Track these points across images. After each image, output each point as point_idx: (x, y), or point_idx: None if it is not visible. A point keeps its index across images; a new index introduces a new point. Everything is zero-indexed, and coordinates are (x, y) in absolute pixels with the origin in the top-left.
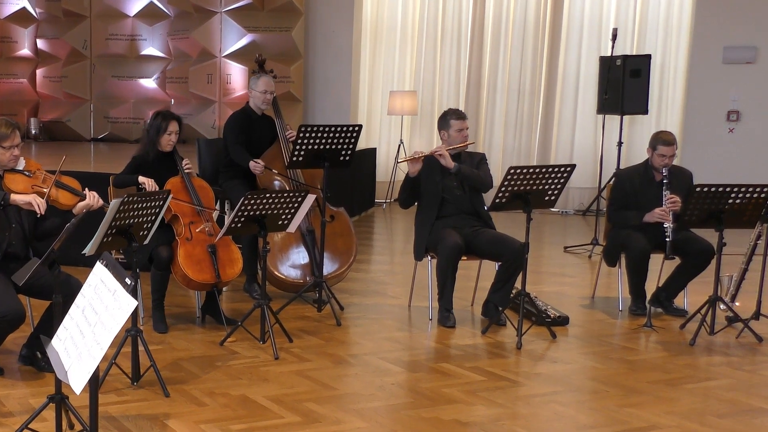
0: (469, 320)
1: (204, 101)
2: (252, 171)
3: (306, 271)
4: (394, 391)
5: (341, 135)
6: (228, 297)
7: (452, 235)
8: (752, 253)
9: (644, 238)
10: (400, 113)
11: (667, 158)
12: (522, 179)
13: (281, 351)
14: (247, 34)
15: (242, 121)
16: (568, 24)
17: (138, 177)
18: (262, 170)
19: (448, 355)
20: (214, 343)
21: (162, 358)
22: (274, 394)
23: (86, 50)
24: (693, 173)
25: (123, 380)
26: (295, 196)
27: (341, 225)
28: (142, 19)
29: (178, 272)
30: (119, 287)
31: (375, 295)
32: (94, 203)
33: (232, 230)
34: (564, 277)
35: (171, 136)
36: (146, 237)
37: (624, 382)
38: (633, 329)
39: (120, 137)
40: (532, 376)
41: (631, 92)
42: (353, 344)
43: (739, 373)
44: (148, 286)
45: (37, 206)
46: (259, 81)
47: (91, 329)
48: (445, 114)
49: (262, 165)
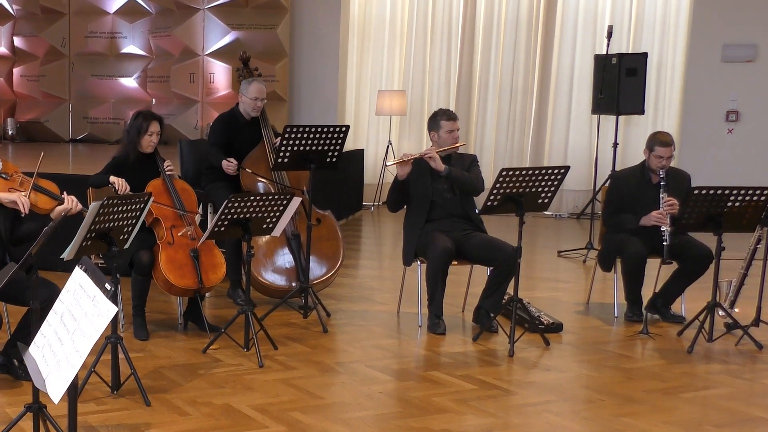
0: (460, 327)
1: (186, 101)
2: (224, 171)
3: (291, 277)
4: (382, 400)
5: (328, 136)
6: (211, 303)
7: (442, 239)
8: (752, 257)
9: (640, 243)
10: (388, 113)
11: (665, 160)
12: (514, 181)
13: (266, 359)
14: (231, 31)
15: (228, 124)
16: (562, 21)
17: (109, 177)
18: (235, 170)
19: (438, 363)
20: (196, 350)
21: (143, 366)
22: (258, 403)
23: (65, 48)
24: (691, 175)
25: (103, 389)
26: (281, 198)
27: (328, 229)
28: (123, 16)
29: (159, 277)
30: (99, 293)
31: (363, 301)
32: (73, 207)
33: (216, 234)
34: (558, 283)
35: (152, 137)
36: (126, 241)
37: (620, 391)
38: (629, 336)
39: (99, 138)
40: (524, 384)
41: (627, 92)
42: (340, 352)
43: (739, 382)
44: (128, 292)
45: (22, 205)
46: (250, 87)
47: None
48: (435, 114)
49: (235, 164)
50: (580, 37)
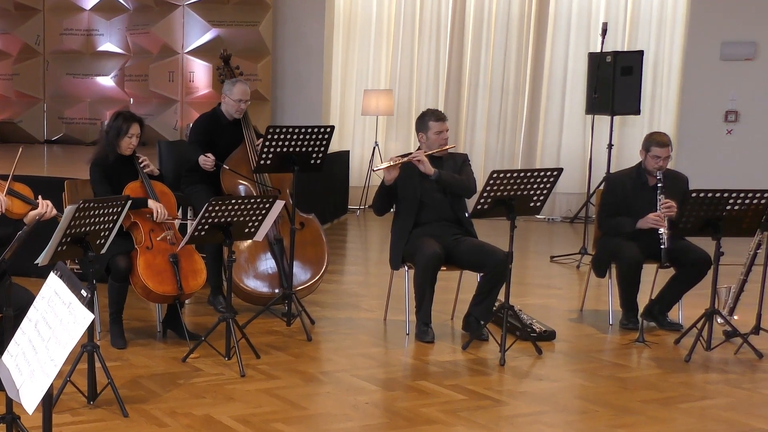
0: (449, 335)
1: (165, 101)
2: (202, 166)
3: (274, 283)
4: (368, 410)
5: (312, 137)
6: (191, 310)
7: (431, 244)
8: (752, 263)
9: (636, 247)
10: (375, 113)
11: (662, 161)
12: (505, 184)
13: (248, 368)
14: (212, 28)
15: (210, 125)
16: (555, 18)
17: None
18: (212, 166)
19: (426, 373)
20: (176, 359)
21: (120, 375)
22: (240, 413)
23: (39, 46)
24: (689, 178)
25: (79, 399)
26: (263, 202)
27: (312, 233)
28: (99, 13)
29: (137, 283)
30: (75, 299)
31: (348, 308)
32: (47, 212)
33: (196, 239)
34: (550, 289)
35: (132, 139)
36: (103, 246)
37: (615, 402)
38: (624, 345)
39: (75, 139)
40: (516, 394)
41: (622, 91)
42: (325, 361)
43: (738, 392)
44: (105, 299)
45: (2, 204)
46: (234, 88)
47: (45, 344)
48: (424, 115)
49: (212, 160)
50: (573, 35)
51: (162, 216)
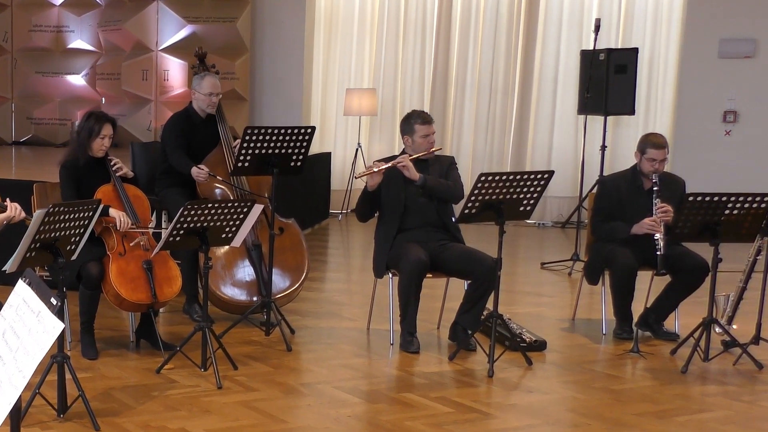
0: (435, 345)
1: (138, 100)
2: (195, 178)
3: (252, 291)
4: (351, 424)
5: (292, 138)
6: (165, 319)
7: (416, 250)
8: (751, 270)
9: (630, 254)
10: (357, 114)
11: (658, 163)
12: (494, 187)
13: (225, 379)
14: (187, 25)
15: (183, 124)
16: (546, 14)
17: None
18: (206, 177)
19: (411, 384)
20: (149, 370)
21: (91, 387)
22: (216, 427)
23: (7, 43)
24: (685, 181)
25: (48, 412)
26: (240, 206)
27: (291, 238)
28: (69, 9)
29: (109, 291)
30: (44, 308)
31: (330, 317)
32: (16, 215)
33: (170, 244)
34: (541, 297)
35: (104, 140)
36: (74, 252)
37: (608, 415)
38: (618, 355)
39: (44, 140)
40: (505, 407)
41: (616, 90)
42: (305, 372)
43: (737, 404)
44: (76, 307)
45: None
46: (203, 82)
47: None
48: (409, 117)
49: (206, 171)
50: (565, 31)
51: (125, 225)
